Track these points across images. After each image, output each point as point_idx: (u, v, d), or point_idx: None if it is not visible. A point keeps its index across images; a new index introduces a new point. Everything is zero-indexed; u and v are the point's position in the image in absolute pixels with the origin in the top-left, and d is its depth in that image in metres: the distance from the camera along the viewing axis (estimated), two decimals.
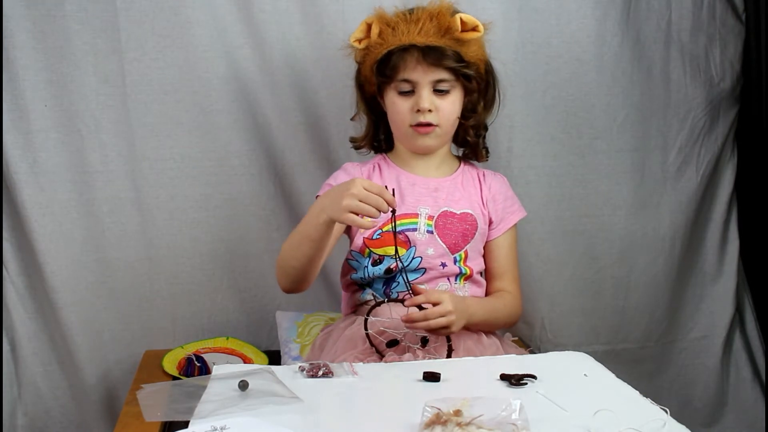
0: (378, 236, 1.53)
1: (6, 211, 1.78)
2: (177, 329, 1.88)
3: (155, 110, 1.80)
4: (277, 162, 1.87)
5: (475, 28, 1.49)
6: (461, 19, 1.48)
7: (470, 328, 1.46)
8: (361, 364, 1.32)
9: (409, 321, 1.36)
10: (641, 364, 2.07)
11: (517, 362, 1.34)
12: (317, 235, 1.38)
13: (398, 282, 1.50)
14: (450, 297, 1.38)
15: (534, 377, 1.21)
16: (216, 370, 1.28)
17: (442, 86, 1.51)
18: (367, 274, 1.53)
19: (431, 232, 1.52)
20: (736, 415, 2.12)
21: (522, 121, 1.92)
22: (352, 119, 1.69)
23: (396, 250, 1.39)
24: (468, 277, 1.55)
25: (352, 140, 1.68)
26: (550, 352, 1.50)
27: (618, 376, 1.26)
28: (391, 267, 1.50)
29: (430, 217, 1.53)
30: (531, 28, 1.90)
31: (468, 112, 1.57)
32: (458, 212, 1.55)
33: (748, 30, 2.00)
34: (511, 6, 1.87)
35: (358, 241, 1.55)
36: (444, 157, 1.61)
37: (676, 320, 2.10)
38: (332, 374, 1.25)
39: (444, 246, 1.52)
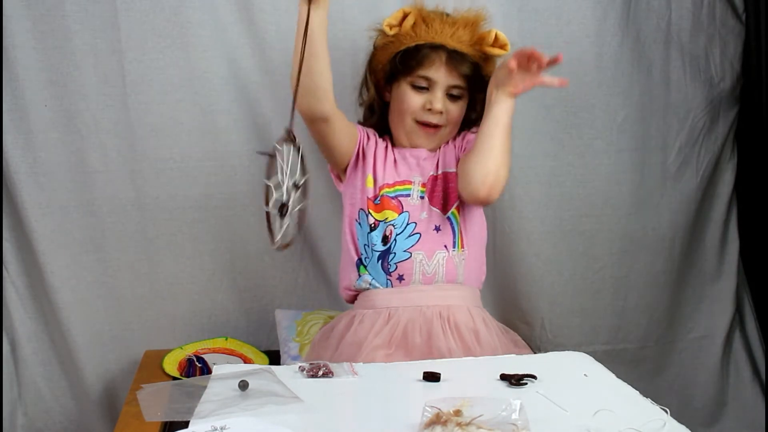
0: (378, 202, 1.55)
1: (6, 211, 1.78)
2: (177, 329, 1.88)
3: (155, 110, 1.80)
4: None
5: (503, 47, 1.55)
6: (496, 35, 1.54)
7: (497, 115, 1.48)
8: (361, 364, 1.32)
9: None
10: (641, 364, 2.07)
11: (517, 362, 1.34)
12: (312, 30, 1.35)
13: (394, 253, 1.51)
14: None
15: (534, 377, 1.21)
16: (216, 370, 1.28)
17: (455, 92, 1.57)
18: (368, 241, 1.53)
19: (423, 198, 1.56)
20: (736, 415, 2.12)
21: (522, 121, 1.92)
22: (361, 105, 1.69)
23: None
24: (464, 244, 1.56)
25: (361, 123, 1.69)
26: (550, 352, 1.50)
27: (618, 376, 1.27)
28: (386, 233, 1.52)
29: (423, 185, 1.57)
30: (531, 28, 1.89)
31: (465, 122, 1.62)
32: (439, 173, 1.59)
33: (748, 30, 2.00)
34: (511, 6, 1.87)
35: (362, 202, 1.56)
36: None
37: (676, 320, 2.10)
38: (332, 374, 1.25)
39: (436, 209, 1.55)
